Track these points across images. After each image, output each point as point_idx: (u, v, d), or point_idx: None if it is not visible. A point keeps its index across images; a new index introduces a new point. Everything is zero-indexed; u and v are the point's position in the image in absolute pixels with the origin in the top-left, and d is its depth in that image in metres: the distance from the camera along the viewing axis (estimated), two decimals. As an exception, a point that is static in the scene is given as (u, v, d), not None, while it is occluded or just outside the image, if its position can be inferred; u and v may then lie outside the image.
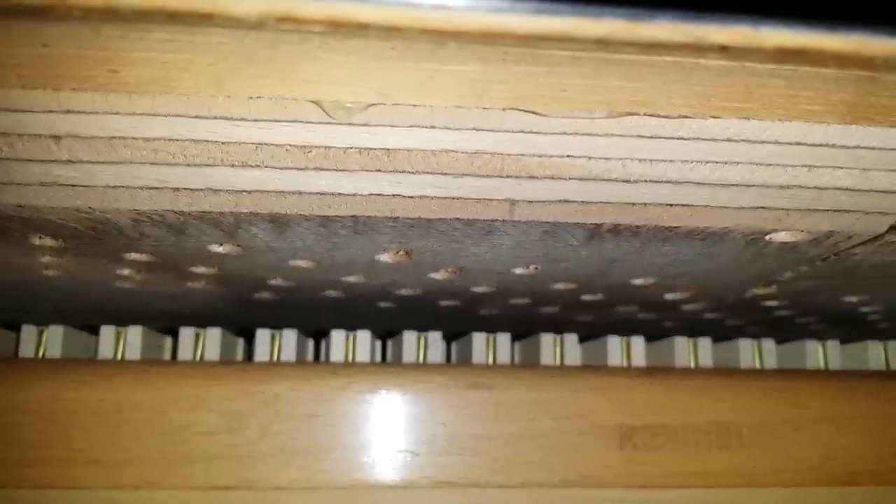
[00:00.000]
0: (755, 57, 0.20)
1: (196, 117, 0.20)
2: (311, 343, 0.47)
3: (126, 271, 0.32)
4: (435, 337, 0.43)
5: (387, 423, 0.35)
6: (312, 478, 0.34)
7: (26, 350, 0.40)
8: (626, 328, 0.45)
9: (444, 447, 0.35)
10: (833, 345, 0.46)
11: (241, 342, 0.46)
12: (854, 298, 0.38)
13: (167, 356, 0.44)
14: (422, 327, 0.44)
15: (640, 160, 0.23)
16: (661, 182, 0.23)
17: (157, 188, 0.23)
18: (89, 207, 0.23)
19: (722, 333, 0.46)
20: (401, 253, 0.29)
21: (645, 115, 0.21)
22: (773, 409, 0.37)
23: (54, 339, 0.40)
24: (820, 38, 0.18)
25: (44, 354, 0.40)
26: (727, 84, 0.21)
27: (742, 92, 0.21)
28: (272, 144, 0.21)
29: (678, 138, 0.22)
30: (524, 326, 0.46)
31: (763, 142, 0.22)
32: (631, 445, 0.36)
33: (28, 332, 0.41)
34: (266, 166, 0.22)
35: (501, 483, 0.35)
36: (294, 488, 0.34)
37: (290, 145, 0.21)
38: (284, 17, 0.17)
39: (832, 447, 0.37)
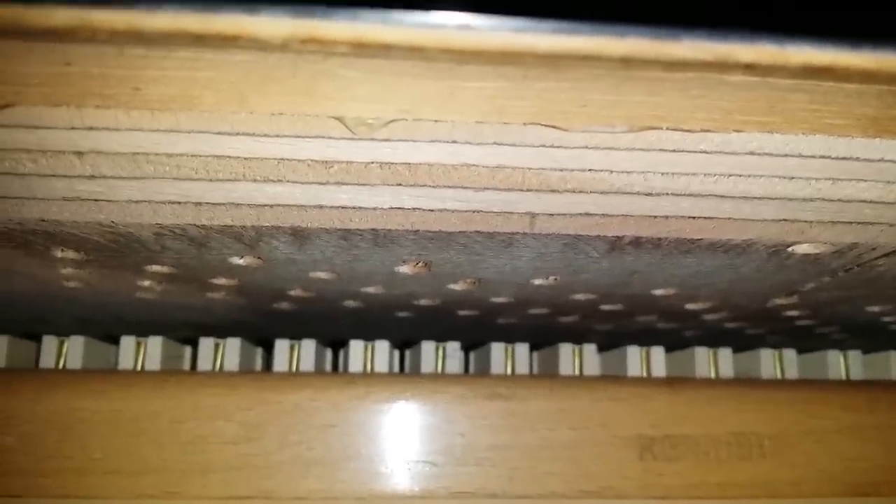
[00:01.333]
0: (780, 73, 0.20)
1: (219, 133, 0.20)
2: (329, 353, 0.47)
3: (147, 283, 0.33)
4: (453, 347, 0.43)
5: (405, 433, 0.35)
6: (331, 488, 0.34)
7: (47, 360, 0.41)
8: (645, 338, 0.45)
9: (463, 458, 0.35)
10: (855, 355, 0.46)
11: (260, 352, 0.46)
12: (877, 308, 0.38)
13: (187, 366, 0.44)
14: (440, 337, 0.44)
15: (662, 174, 0.22)
16: (684, 195, 0.23)
17: (179, 203, 0.23)
18: (112, 221, 0.23)
19: (743, 343, 0.46)
20: (420, 265, 0.29)
21: (667, 129, 0.21)
22: (795, 419, 0.37)
23: (75, 350, 0.40)
24: (846, 56, 0.18)
25: (64, 365, 0.40)
26: (750, 98, 0.21)
27: (764, 106, 0.21)
28: (294, 160, 0.21)
29: (701, 152, 0.22)
30: (543, 336, 0.46)
31: (786, 155, 0.22)
32: (651, 456, 0.36)
33: (49, 342, 0.41)
34: (288, 181, 0.22)
35: (520, 494, 0.34)
36: (312, 498, 0.34)
37: (312, 160, 0.21)
38: (308, 38, 0.17)
39: (854, 458, 0.37)
